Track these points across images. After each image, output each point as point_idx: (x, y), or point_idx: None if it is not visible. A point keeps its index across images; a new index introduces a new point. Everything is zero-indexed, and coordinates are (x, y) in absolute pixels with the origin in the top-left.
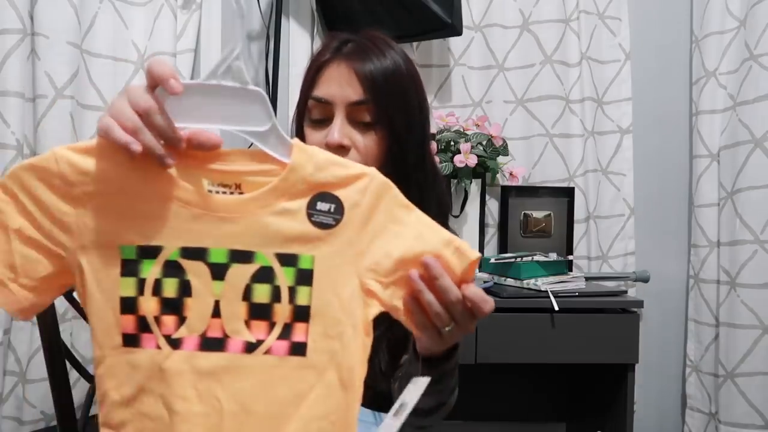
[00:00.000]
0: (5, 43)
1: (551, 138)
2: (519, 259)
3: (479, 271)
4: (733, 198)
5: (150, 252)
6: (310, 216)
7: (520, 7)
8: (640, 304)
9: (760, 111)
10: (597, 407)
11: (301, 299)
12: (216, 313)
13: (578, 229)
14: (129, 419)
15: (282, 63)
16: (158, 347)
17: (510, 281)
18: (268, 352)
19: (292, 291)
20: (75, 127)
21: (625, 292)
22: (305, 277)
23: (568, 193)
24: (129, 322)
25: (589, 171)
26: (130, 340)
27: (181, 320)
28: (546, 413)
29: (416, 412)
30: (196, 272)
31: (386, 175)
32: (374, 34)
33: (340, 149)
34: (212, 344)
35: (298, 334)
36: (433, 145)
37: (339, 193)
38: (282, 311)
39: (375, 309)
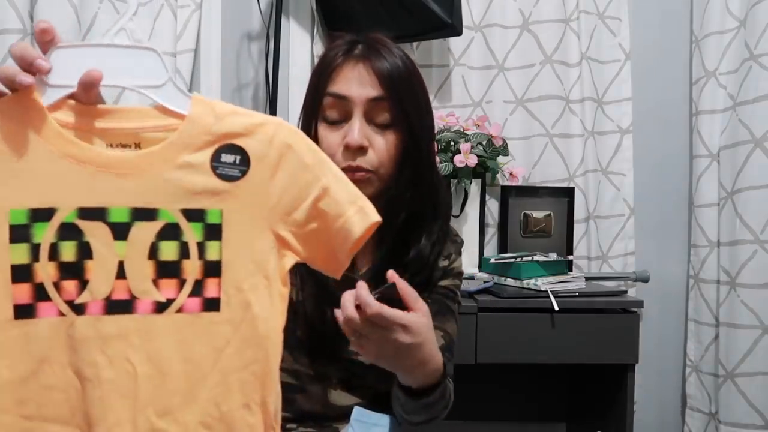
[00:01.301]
0: (5, 43)
1: (551, 138)
2: (519, 259)
3: (479, 271)
4: (733, 198)
5: (42, 215)
6: (214, 168)
7: (520, 7)
8: (640, 304)
9: (760, 111)
10: (597, 407)
11: (211, 254)
12: (121, 274)
13: (578, 229)
14: (28, 396)
15: (282, 63)
16: (61, 314)
17: (510, 281)
18: (180, 310)
19: (201, 246)
20: None
21: (625, 292)
22: (214, 232)
23: (568, 193)
24: (23, 292)
25: (589, 171)
26: (24, 311)
27: (83, 284)
28: (546, 413)
29: (406, 421)
30: (96, 233)
31: (402, 175)
32: (378, 36)
33: (360, 150)
34: (119, 307)
35: (210, 289)
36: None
37: (244, 143)
38: (192, 268)
39: (290, 259)
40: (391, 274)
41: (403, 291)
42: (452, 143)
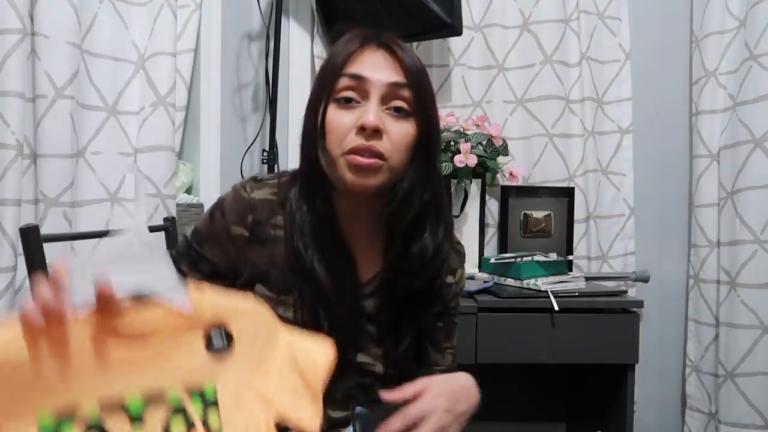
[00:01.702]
0: (5, 43)
1: (551, 138)
2: (519, 259)
3: (479, 271)
4: (733, 198)
5: (66, 414)
6: (207, 348)
7: (520, 7)
8: (640, 304)
9: (760, 111)
10: (597, 407)
11: (213, 423)
12: None
13: (578, 229)
14: None
15: (282, 63)
16: None
17: (510, 281)
18: None
19: (204, 419)
20: (75, 127)
21: (625, 292)
22: (212, 404)
23: (568, 193)
24: None
25: (589, 171)
26: None
27: None
28: (546, 413)
29: None
30: (119, 426)
31: (413, 168)
32: (390, 34)
33: (375, 133)
34: None
35: None
36: None
37: (230, 324)
38: None
39: (274, 413)
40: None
41: (394, 398)
42: (452, 143)
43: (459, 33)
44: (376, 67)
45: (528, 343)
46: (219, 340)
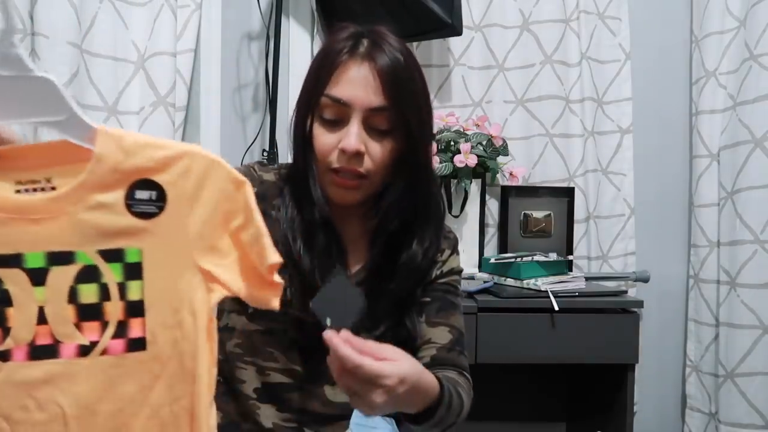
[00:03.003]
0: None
1: (551, 138)
2: (519, 259)
3: (479, 271)
4: (733, 198)
5: None
6: (129, 207)
7: (520, 7)
8: (640, 304)
9: (760, 111)
10: (597, 407)
11: (133, 294)
12: (42, 319)
13: (578, 229)
14: None
15: (282, 63)
16: None
17: (510, 281)
18: (104, 352)
19: (121, 287)
20: None
21: (625, 292)
22: (134, 271)
23: (568, 193)
24: None
25: (589, 171)
26: None
27: (6, 331)
28: (546, 413)
29: None
30: (14, 280)
31: (397, 181)
32: (381, 31)
33: (356, 156)
34: (43, 352)
35: (135, 329)
36: (433, 145)
37: (159, 178)
38: (113, 309)
39: (218, 293)
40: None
41: (362, 348)
42: (452, 143)
43: (459, 33)
44: (360, 87)
45: (528, 343)
46: (146, 195)
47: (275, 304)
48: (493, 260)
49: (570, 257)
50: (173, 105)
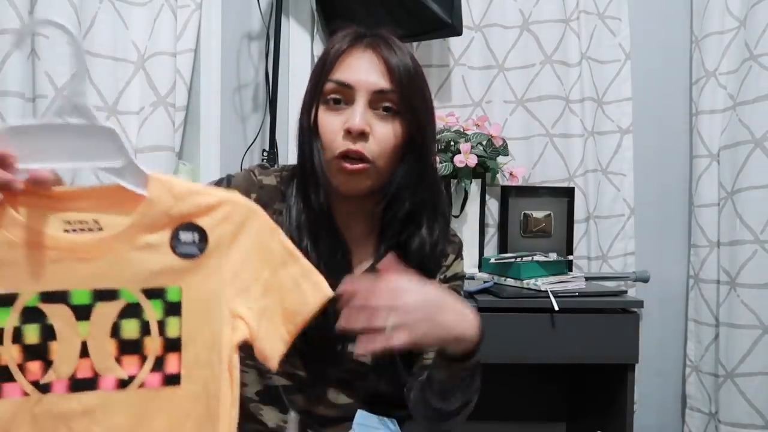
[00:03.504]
0: (5, 43)
1: (551, 138)
2: (519, 259)
3: (479, 271)
4: (733, 198)
5: (4, 300)
6: (173, 247)
7: (520, 7)
8: (640, 304)
9: (760, 111)
10: (597, 407)
11: (171, 331)
12: (84, 353)
13: (578, 229)
14: None
15: (282, 63)
16: (25, 394)
17: (510, 281)
18: (142, 385)
19: (161, 324)
20: None
21: (625, 292)
22: (174, 309)
23: (568, 193)
24: None
25: (589, 171)
26: None
27: (48, 364)
28: (546, 413)
29: (441, 414)
30: (59, 315)
31: (403, 168)
32: (385, 32)
33: (361, 136)
34: (83, 384)
35: (171, 365)
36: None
37: (201, 221)
38: (153, 344)
39: (241, 333)
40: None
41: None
42: (452, 143)
43: (459, 33)
44: (362, 72)
45: (528, 343)
46: (189, 237)
47: (273, 364)
48: (493, 260)
49: (570, 257)
50: (173, 105)
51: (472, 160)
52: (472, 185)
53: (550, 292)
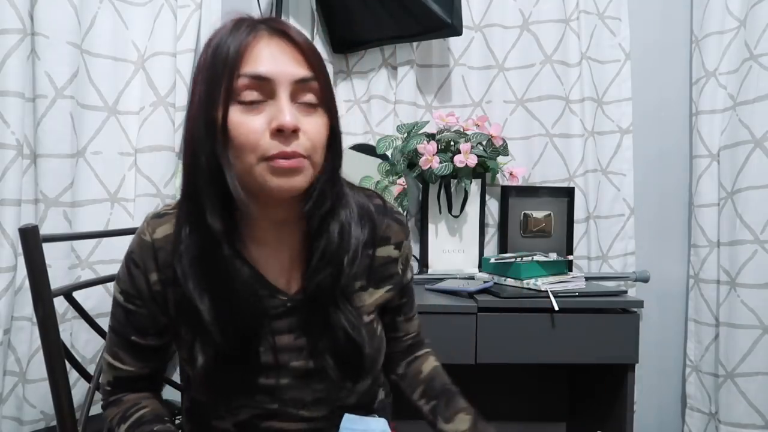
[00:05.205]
0: (5, 43)
1: (551, 138)
2: (519, 259)
3: (479, 271)
4: (733, 198)
5: None
6: None
7: (520, 7)
8: (640, 304)
9: (760, 111)
10: (597, 407)
11: None
12: None
13: (578, 229)
14: None
15: None
16: None
17: (510, 281)
18: None
19: None
20: (75, 127)
21: (625, 292)
22: None
23: (568, 193)
24: None
25: (589, 171)
26: None
27: None
28: (546, 413)
29: None
30: None
31: (329, 161)
32: (275, 17)
33: (293, 134)
34: None
35: None
36: (433, 145)
37: None
38: None
39: None
40: None
41: None
42: (452, 143)
43: (459, 33)
44: (277, 62)
45: (528, 343)
46: None
47: None
48: (493, 260)
49: (570, 257)
50: (173, 105)
51: (472, 160)
52: (472, 185)
53: (550, 292)
